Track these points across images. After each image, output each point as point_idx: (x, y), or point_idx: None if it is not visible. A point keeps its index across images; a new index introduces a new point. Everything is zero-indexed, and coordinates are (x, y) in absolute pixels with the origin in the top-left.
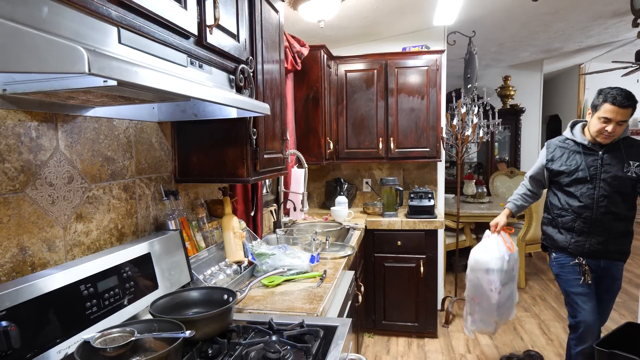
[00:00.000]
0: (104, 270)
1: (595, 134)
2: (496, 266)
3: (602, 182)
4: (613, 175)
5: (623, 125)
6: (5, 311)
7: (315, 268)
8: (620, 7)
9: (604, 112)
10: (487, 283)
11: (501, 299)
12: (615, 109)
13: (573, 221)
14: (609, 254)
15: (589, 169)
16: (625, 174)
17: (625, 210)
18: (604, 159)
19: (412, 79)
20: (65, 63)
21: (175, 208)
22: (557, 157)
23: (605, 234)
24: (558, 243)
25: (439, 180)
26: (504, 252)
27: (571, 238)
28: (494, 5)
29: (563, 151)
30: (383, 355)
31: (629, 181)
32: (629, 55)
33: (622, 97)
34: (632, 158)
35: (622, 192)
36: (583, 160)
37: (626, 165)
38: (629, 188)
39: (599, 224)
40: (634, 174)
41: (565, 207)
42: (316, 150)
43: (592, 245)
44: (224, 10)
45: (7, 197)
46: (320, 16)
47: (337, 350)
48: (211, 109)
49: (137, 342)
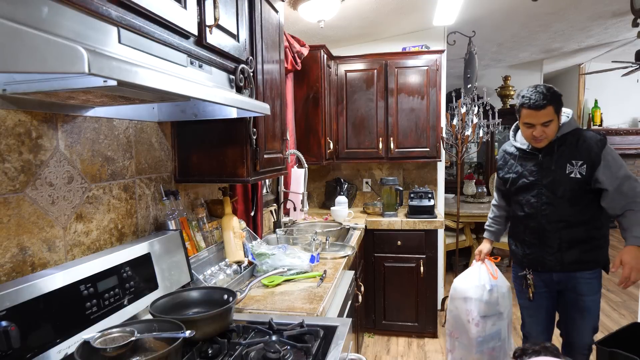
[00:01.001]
0: (104, 270)
1: (526, 140)
2: (475, 295)
3: (544, 188)
4: (553, 179)
5: (551, 124)
6: (5, 311)
7: (315, 268)
8: (620, 7)
9: (524, 117)
10: (465, 313)
11: (481, 334)
12: (531, 112)
13: (523, 233)
14: (565, 265)
15: (530, 175)
16: (567, 175)
17: (579, 216)
18: (544, 163)
19: (412, 79)
20: (65, 63)
21: (175, 208)
22: (503, 165)
23: (556, 244)
24: (515, 256)
25: (439, 180)
26: (486, 280)
27: (523, 251)
28: (494, 5)
29: (507, 158)
30: (383, 355)
31: (575, 184)
32: (628, 55)
33: (536, 98)
34: (575, 157)
35: (568, 197)
36: (524, 166)
37: (569, 166)
38: (577, 191)
39: (548, 233)
40: (579, 174)
41: (515, 218)
42: (316, 150)
43: (545, 258)
44: (223, 10)
45: (7, 197)
46: (320, 16)
47: (337, 350)
48: (211, 109)
49: (137, 342)
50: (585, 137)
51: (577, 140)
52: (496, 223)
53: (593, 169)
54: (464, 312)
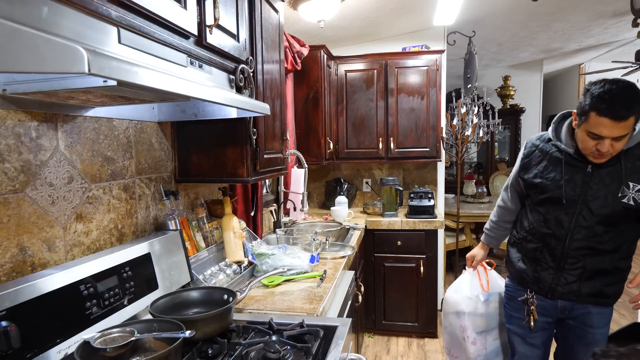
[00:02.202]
0: (104, 270)
1: (584, 151)
2: (468, 308)
3: (585, 208)
4: (603, 201)
5: (624, 139)
6: (5, 311)
7: (315, 268)
8: (620, 7)
9: (593, 125)
10: (460, 330)
11: (480, 352)
12: (608, 122)
13: (540, 252)
14: (581, 297)
15: (570, 189)
16: (619, 199)
17: (610, 243)
18: (594, 177)
19: (412, 79)
20: (65, 63)
21: (175, 208)
22: (534, 164)
23: (578, 272)
24: (518, 272)
25: (439, 180)
26: (479, 290)
27: (534, 272)
28: (494, 5)
29: (542, 157)
30: (383, 355)
31: (624, 210)
32: (629, 55)
33: (622, 105)
34: (634, 178)
35: (609, 223)
36: (564, 174)
37: (624, 188)
38: (621, 219)
39: (571, 259)
40: (632, 201)
41: (531, 231)
42: (316, 150)
43: (560, 286)
44: (223, 10)
45: (7, 197)
46: (320, 16)
47: (337, 350)
48: (211, 109)
49: (137, 342)
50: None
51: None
52: (499, 228)
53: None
54: (458, 329)
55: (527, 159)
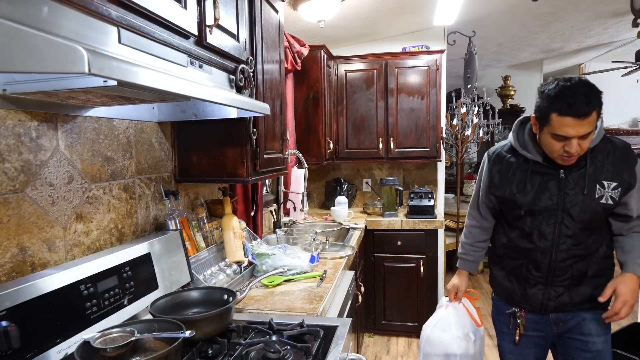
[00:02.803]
0: (104, 270)
1: (551, 155)
2: (460, 350)
3: (566, 215)
4: (582, 205)
5: (590, 136)
6: (5, 311)
7: (315, 268)
8: (620, 7)
9: (557, 126)
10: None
11: None
12: (571, 121)
13: (526, 269)
14: (575, 305)
15: (547, 198)
16: (596, 200)
17: (593, 246)
18: (569, 182)
19: (412, 79)
20: (65, 63)
21: (175, 208)
22: (503, 179)
23: (567, 281)
24: (505, 290)
25: (439, 180)
26: (469, 327)
27: (522, 290)
28: (494, 5)
29: (506, 170)
30: (383, 355)
31: (604, 211)
32: (629, 55)
33: (581, 101)
34: (607, 176)
35: (592, 227)
36: (538, 184)
37: (599, 188)
38: (603, 220)
39: (559, 271)
40: (610, 200)
41: (511, 247)
42: (316, 150)
43: (552, 300)
44: (224, 10)
45: (7, 197)
46: (320, 16)
47: (337, 350)
48: (211, 109)
49: (137, 342)
50: (616, 148)
51: (608, 152)
52: (476, 250)
53: (626, 192)
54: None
55: (496, 174)
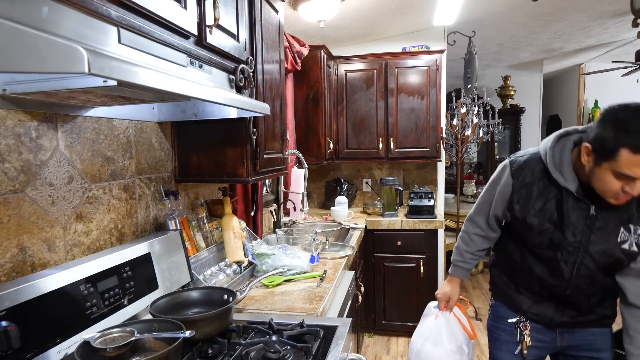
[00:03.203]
0: (104, 270)
1: (603, 194)
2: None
3: (588, 256)
4: (604, 248)
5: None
6: (5, 311)
7: (315, 268)
8: (620, 7)
9: (627, 165)
10: None
11: None
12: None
13: (536, 286)
14: (586, 324)
15: (570, 233)
16: (619, 245)
17: (610, 281)
18: (598, 221)
19: (412, 79)
20: (65, 63)
21: (175, 208)
22: (525, 197)
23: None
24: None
25: (439, 180)
26: (462, 340)
27: (533, 303)
28: (494, 5)
29: (532, 188)
30: (383, 355)
31: (625, 257)
32: (629, 55)
33: None
34: (632, 218)
35: (611, 270)
36: (564, 214)
37: (623, 232)
38: (621, 265)
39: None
40: (635, 247)
41: (525, 269)
42: (316, 150)
43: (563, 317)
44: (223, 10)
45: (7, 197)
46: (320, 16)
47: (337, 350)
48: (211, 109)
49: (137, 342)
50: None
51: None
52: (475, 258)
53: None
54: None
55: (520, 190)
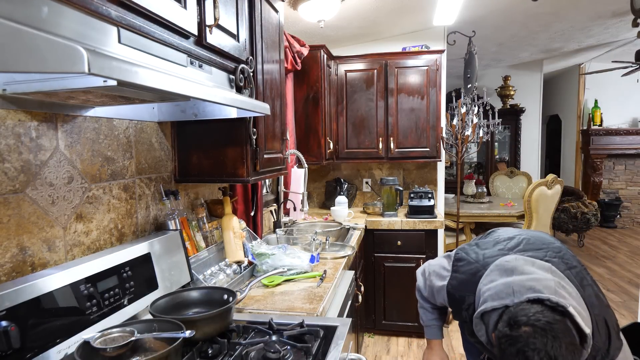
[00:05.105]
0: (104, 270)
1: None
2: None
3: None
4: None
5: None
6: (5, 311)
7: (315, 268)
8: (620, 7)
9: None
10: None
11: None
12: None
13: None
14: None
15: None
16: None
17: None
18: None
19: (412, 79)
20: (65, 63)
21: (175, 208)
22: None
23: None
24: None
25: (439, 180)
26: None
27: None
28: (494, 5)
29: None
30: (383, 355)
31: None
32: (629, 55)
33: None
34: None
35: None
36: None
37: None
38: None
39: None
40: None
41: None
42: (316, 150)
43: None
44: (223, 10)
45: (7, 197)
46: (320, 16)
47: (337, 350)
48: (211, 109)
49: (137, 342)
50: None
51: None
52: (439, 318)
53: None
54: None
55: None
